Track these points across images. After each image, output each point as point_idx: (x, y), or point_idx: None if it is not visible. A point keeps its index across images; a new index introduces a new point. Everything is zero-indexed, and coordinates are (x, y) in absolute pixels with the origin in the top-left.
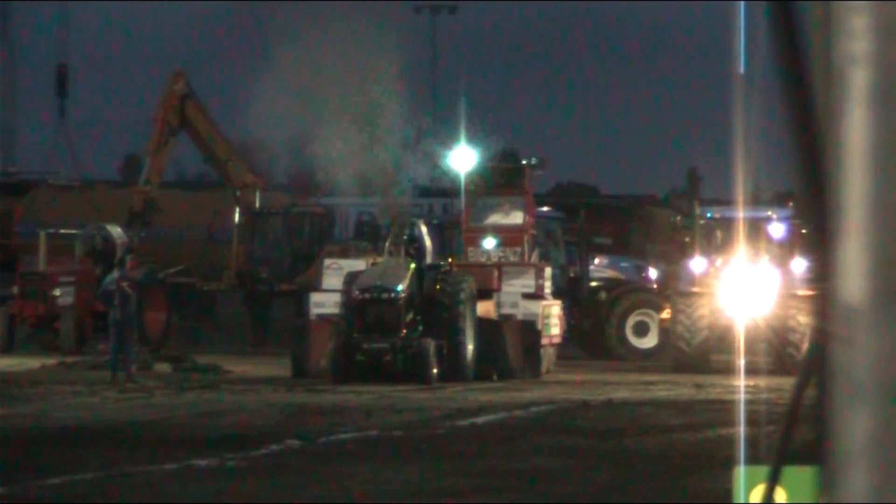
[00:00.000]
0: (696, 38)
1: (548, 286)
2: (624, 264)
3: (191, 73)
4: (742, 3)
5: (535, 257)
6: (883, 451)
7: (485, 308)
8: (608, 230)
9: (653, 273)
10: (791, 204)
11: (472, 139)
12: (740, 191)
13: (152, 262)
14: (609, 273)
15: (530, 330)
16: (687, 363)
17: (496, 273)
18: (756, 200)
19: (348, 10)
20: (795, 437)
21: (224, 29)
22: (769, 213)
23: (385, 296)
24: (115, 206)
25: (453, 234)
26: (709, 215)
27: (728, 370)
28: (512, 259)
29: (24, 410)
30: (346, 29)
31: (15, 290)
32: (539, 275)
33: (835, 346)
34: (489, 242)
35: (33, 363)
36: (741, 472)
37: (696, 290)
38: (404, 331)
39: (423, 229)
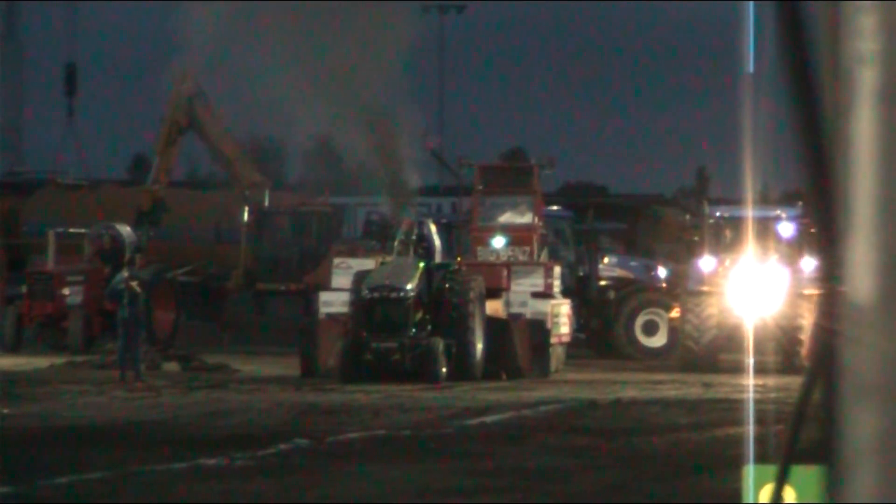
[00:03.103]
0: (705, 37)
1: (557, 285)
2: (633, 263)
3: (199, 73)
4: (751, 2)
5: (544, 256)
6: (891, 451)
7: (494, 307)
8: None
9: (662, 272)
10: (800, 203)
11: (481, 138)
12: (749, 190)
13: (160, 262)
14: (618, 272)
15: (539, 329)
16: (695, 362)
17: (505, 272)
18: (765, 200)
19: (357, 8)
20: (804, 436)
21: (232, 28)
22: (778, 212)
23: (394, 295)
24: (123, 206)
25: (462, 234)
26: (717, 214)
27: (736, 369)
28: (521, 258)
29: (32, 409)
30: (355, 28)
31: (23, 289)
32: (548, 274)
33: (843, 346)
34: (498, 241)
35: (41, 362)
36: (750, 471)
37: (704, 289)
38: (413, 330)
39: (432, 228)
